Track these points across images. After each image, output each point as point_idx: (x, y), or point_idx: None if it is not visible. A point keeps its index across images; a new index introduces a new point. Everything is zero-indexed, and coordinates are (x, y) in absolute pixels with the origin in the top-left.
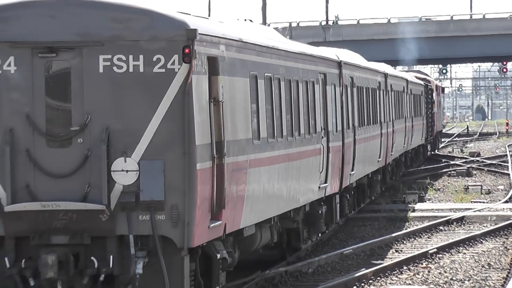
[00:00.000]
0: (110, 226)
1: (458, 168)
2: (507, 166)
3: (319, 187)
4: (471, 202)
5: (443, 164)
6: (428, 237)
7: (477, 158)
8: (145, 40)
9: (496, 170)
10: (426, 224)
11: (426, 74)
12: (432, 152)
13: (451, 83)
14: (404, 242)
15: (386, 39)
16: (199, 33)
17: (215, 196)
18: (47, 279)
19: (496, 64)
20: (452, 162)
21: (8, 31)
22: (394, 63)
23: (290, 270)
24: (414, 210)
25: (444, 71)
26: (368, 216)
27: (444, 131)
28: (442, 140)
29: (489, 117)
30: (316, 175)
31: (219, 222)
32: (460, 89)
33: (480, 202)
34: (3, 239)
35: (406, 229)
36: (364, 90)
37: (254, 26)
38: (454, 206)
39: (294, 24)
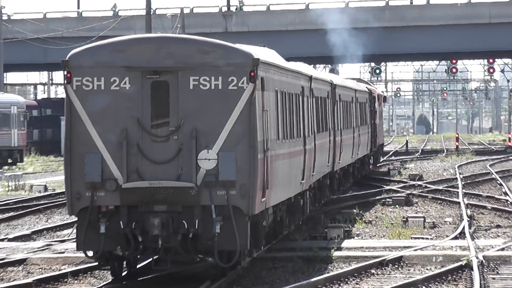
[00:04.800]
0: (196, 198)
1: (394, 195)
2: (457, 192)
3: (301, 183)
4: (411, 238)
5: (376, 189)
6: (357, 283)
7: (419, 182)
8: (222, 66)
9: (442, 197)
10: (353, 266)
11: (367, 82)
12: (374, 169)
13: (386, 87)
14: None
15: (304, 30)
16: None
17: (265, 179)
18: (153, 235)
19: (443, 63)
20: (387, 187)
21: (124, 59)
22: (313, 60)
23: None
24: (338, 249)
25: (377, 71)
26: (280, 256)
27: None
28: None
29: (435, 130)
30: (300, 172)
31: (265, 198)
32: (398, 95)
33: (422, 238)
34: (119, 207)
35: (328, 272)
36: (318, 99)
37: (266, 50)
38: (390, 244)
39: (187, 10)
